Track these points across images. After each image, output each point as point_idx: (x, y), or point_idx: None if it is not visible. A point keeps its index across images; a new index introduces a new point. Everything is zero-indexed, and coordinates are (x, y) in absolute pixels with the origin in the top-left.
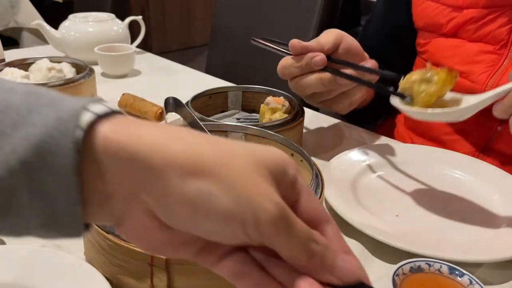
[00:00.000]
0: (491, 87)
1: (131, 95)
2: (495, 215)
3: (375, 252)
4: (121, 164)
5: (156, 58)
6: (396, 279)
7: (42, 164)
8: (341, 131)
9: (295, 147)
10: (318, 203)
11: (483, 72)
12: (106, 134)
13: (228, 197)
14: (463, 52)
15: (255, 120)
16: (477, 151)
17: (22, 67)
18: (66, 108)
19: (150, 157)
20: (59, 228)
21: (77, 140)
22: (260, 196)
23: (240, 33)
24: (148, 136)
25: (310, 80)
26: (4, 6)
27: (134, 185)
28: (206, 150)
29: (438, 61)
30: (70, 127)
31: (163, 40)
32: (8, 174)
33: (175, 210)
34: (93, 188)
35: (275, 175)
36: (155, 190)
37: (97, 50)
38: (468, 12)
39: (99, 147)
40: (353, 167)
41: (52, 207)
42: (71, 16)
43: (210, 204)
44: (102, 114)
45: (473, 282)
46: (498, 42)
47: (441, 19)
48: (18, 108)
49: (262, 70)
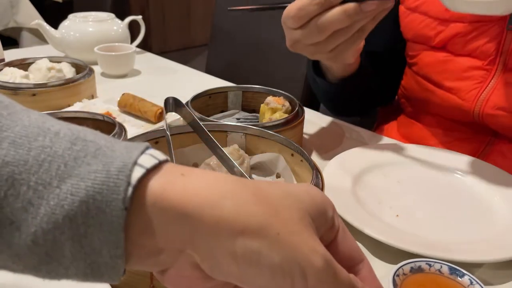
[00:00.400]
0: (480, 106)
1: (131, 95)
2: (495, 215)
3: (375, 252)
4: (170, 222)
5: (156, 58)
6: (396, 279)
7: (89, 220)
8: (341, 131)
9: (295, 147)
10: (353, 242)
11: (473, 89)
12: (155, 190)
13: (277, 254)
14: (452, 68)
15: (255, 120)
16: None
17: (22, 67)
18: (115, 161)
19: (200, 215)
20: (99, 277)
21: (126, 198)
22: (307, 249)
23: (240, 33)
24: (198, 193)
25: (332, 16)
26: (4, 6)
27: (182, 242)
28: (254, 209)
29: (427, 76)
30: (120, 184)
31: (163, 40)
32: (53, 227)
33: (223, 267)
34: (139, 242)
35: (317, 219)
36: (204, 247)
37: (97, 50)
38: (455, 26)
39: (148, 203)
40: (353, 167)
41: (95, 259)
42: (71, 16)
43: (259, 262)
44: (151, 167)
45: (474, 283)
46: (486, 57)
47: (429, 32)
48: (64, 156)
49: (262, 70)
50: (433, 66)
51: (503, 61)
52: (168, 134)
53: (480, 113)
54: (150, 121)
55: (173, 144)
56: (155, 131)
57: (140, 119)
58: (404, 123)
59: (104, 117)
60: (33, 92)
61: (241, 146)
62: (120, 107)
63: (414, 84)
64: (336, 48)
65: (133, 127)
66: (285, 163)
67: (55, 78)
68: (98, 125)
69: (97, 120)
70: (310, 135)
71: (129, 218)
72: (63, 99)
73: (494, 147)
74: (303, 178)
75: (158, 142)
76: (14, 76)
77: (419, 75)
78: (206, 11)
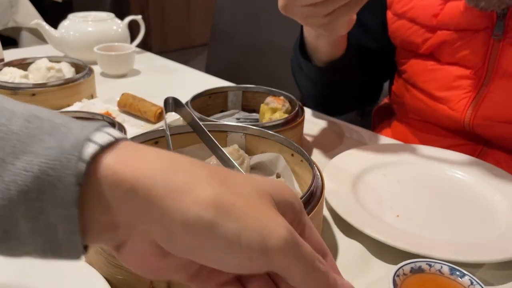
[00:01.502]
0: (470, 116)
1: (130, 95)
2: (496, 216)
3: (376, 253)
4: (123, 196)
5: (156, 57)
6: (396, 279)
7: (43, 195)
8: (341, 131)
9: (295, 147)
10: (319, 237)
11: (462, 98)
12: (109, 166)
13: (233, 224)
14: (440, 77)
15: (255, 120)
16: None
17: (21, 67)
18: (69, 138)
19: (152, 187)
20: (58, 253)
21: (79, 174)
22: (268, 220)
23: (240, 33)
24: (151, 167)
25: None
26: (3, 5)
27: (136, 215)
28: (209, 181)
29: (417, 84)
30: (73, 159)
31: (163, 40)
32: (8, 203)
33: (177, 239)
34: (94, 217)
35: (281, 205)
36: (157, 220)
37: (97, 50)
38: (442, 33)
39: (101, 179)
40: (353, 167)
41: (52, 235)
42: (71, 15)
43: (213, 232)
44: (105, 144)
45: (474, 283)
46: (474, 66)
47: (416, 39)
48: (19, 134)
49: (262, 70)
50: (422, 75)
51: (491, 70)
52: (168, 134)
53: (471, 123)
54: (149, 121)
55: (173, 144)
56: (155, 131)
57: (139, 119)
58: (398, 128)
59: (103, 117)
60: (32, 92)
61: (241, 146)
62: (119, 107)
63: (405, 92)
64: (332, 14)
65: (132, 127)
66: (285, 163)
67: (54, 78)
68: None
69: (97, 120)
70: (310, 135)
71: (83, 194)
72: (63, 99)
73: (487, 155)
74: (303, 178)
75: (158, 142)
76: (14, 76)
77: (409, 83)
78: (206, 11)
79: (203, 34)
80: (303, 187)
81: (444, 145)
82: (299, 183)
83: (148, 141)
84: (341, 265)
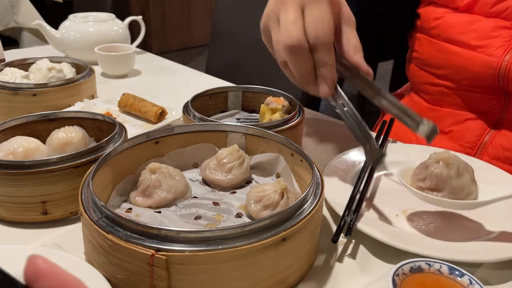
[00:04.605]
0: (507, 62)
1: (131, 95)
2: (495, 215)
3: (375, 252)
4: None
5: (156, 58)
6: (396, 279)
7: None
8: (341, 131)
9: (295, 147)
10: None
11: (500, 46)
12: None
13: None
14: (478, 27)
15: (255, 120)
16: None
17: (22, 67)
18: None
19: None
20: None
21: None
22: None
23: (240, 33)
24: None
25: None
26: (4, 6)
27: None
28: None
29: (451, 37)
30: None
31: (163, 40)
32: None
33: None
34: None
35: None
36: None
37: (97, 50)
38: None
39: None
40: (353, 167)
41: None
42: (71, 16)
43: None
44: None
45: (473, 282)
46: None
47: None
48: None
49: (262, 70)
50: (458, 27)
51: None
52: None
53: (507, 69)
54: (150, 121)
55: (173, 144)
56: (155, 131)
57: (140, 119)
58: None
59: (104, 117)
60: (33, 92)
61: (241, 146)
62: (120, 107)
63: (435, 52)
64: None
65: (133, 127)
66: (285, 163)
67: (55, 78)
68: (98, 125)
69: (97, 120)
70: (310, 135)
71: None
72: (64, 99)
73: (506, 120)
74: (303, 178)
75: (158, 142)
76: (15, 76)
77: (441, 39)
78: (206, 11)
79: (203, 34)
80: (303, 187)
81: (461, 119)
82: (299, 183)
83: (149, 141)
84: (341, 265)
